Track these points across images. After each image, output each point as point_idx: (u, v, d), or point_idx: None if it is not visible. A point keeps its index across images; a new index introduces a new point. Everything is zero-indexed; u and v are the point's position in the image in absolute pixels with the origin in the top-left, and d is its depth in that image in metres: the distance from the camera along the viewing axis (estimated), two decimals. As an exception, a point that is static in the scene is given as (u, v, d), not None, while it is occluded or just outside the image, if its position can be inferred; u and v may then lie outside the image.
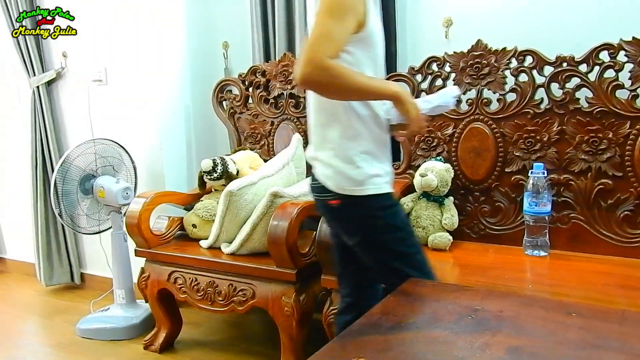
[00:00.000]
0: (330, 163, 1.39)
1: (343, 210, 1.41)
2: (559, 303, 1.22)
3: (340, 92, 1.28)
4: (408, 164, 2.32)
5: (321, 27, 1.24)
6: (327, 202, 1.42)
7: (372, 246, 1.44)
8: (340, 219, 1.47)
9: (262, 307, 2.05)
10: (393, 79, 2.33)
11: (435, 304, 1.25)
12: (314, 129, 1.45)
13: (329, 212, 1.47)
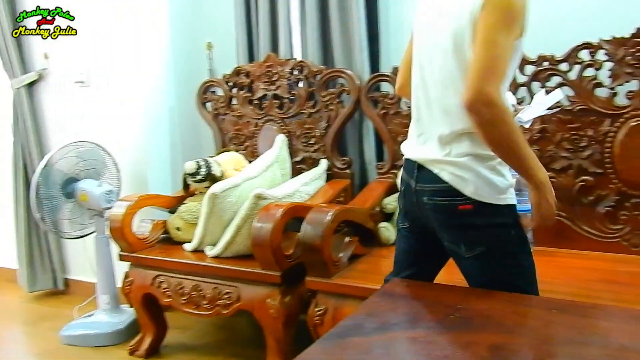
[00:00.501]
0: (470, 166, 1.25)
1: (475, 217, 1.27)
2: (541, 300, 1.23)
3: (498, 138, 1.17)
4: (392, 164, 2.33)
5: (495, 48, 1.15)
6: (456, 206, 1.28)
7: (496, 258, 1.30)
8: (467, 227, 1.29)
9: (248, 309, 2.04)
10: (377, 79, 2.33)
11: (418, 303, 1.26)
12: (444, 128, 1.29)
13: (453, 218, 1.30)
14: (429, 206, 1.32)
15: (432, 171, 1.30)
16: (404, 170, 1.44)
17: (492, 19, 1.16)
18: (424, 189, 1.33)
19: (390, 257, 2.06)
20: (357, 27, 2.37)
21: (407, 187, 1.40)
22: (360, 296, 1.62)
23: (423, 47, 1.34)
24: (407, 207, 1.43)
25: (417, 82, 1.36)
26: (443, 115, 1.29)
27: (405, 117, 2.28)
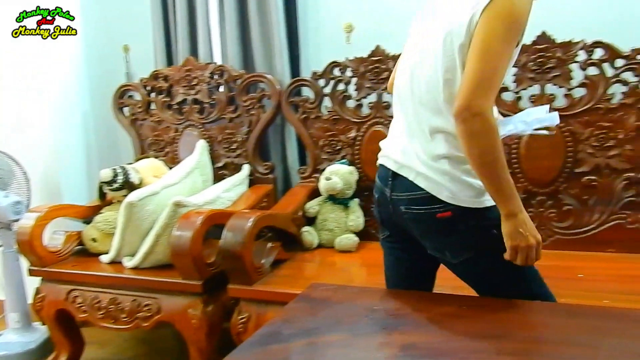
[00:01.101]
0: (445, 169, 1.21)
1: (455, 223, 1.22)
2: (451, 297, 1.27)
3: (480, 152, 1.12)
4: (314, 168, 2.34)
5: (493, 58, 1.10)
6: (434, 215, 1.23)
7: (486, 261, 1.25)
8: (450, 233, 1.24)
9: (169, 321, 1.98)
10: (297, 84, 2.34)
11: (336, 307, 1.27)
12: (419, 133, 1.25)
13: (433, 226, 1.25)
14: (407, 215, 1.27)
15: (407, 178, 1.26)
16: (377, 178, 1.37)
17: (493, 27, 1.10)
18: (400, 197, 1.28)
19: (313, 262, 2.11)
20: (276, 31, 2.37)
21: (382, 196, 1.34)
22: (284, 302, 1.59)
23: (414, 49, 1.29)
24: (384, 216, 1.37)
25: (403, 82, 1.30)
26: (424, 114, 1.23)
27: (325, 122, 2.30)
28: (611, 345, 1.01)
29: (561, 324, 1.10)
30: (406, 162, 1.26)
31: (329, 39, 2.43)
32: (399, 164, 1.28)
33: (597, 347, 1.01)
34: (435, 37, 1.20)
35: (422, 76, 1.23)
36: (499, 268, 1.23)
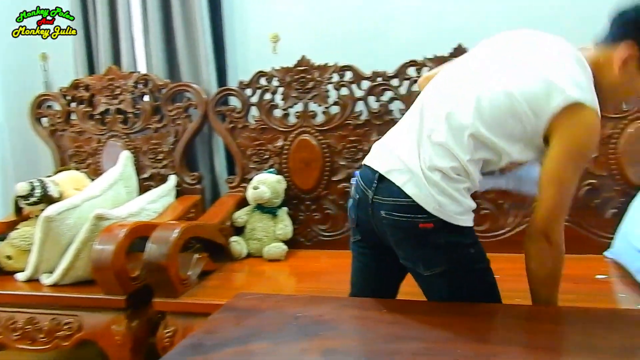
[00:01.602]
0: (436, 182, 1.19)
1: (435, 235, 1.21)
2: (373, 302, 1.30)
3: (540, 273, 1.22)
4: (242, 178, 2.34)
5: (565, 187, 1.18)
6: (417, 224, 1.21)
7: (457, 276, 1.26)
8: (426, 245, 1.23)
9: (91, 339, 1.91)
10: (224, 93, 2.33)
11: (259, 315, 1.27)
12: (426, 141, 1.22)
13: (412, 236, 1.24)
14: (387, 221, 1.25)
15: (394, 183, 1.23)
16: (361, 179, 1.33)
17: (564, 154, 1.15)
18: (383, 202, 1.25)
19: (242, 271, 2.10)
20: (202, 41, 2.36)
21: (363, 198, 1.30)
22: (211, 313, 1.60)
23: (481, 69, 1.24)
24: (361, 218, 1.33)
25: (443, 93, 1.27)
26: (444, 130, 1.20)
27: (253, 131, 2.30)
28: (520, 340, 1.07)
29: (476, 323, 1.16)
30: (399, 166, 1.24)
31: (256, 48, 2.44)
32: (389, 167, 1.25)
33: (508, 343, 1.07)
34: (509, 81, 1.18)
35: (470, 100, 1.19)
36: (468, 285, 1.27)
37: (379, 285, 1.41)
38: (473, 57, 1.31)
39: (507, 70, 1.20)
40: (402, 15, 2.22)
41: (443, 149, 1.20)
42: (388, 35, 2.24)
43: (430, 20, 2.19)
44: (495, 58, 1.25)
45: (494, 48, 1.28)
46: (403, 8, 2.22)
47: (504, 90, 1.16)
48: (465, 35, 2.07)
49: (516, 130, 1.17)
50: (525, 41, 1.26)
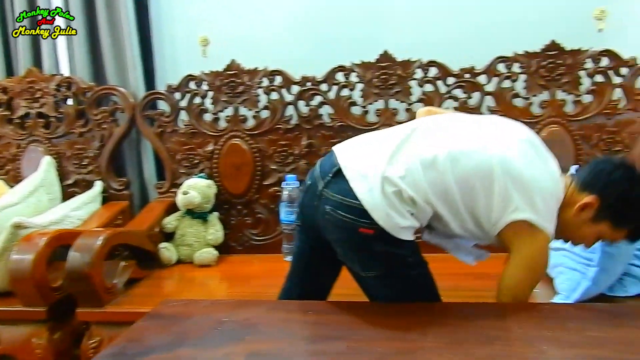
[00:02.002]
0: (389, 195, 1.20)
1: (374, 243, 1.23)
2: (299, 304, 1.32)
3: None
4: (171, 183, 2.30)
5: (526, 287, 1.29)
6: (357, 228, 1.22)
7: (394, 279, 1.29)
8: (363, 249, 1.26)
9: (9, 353, 1.81)
10: (151, 97, 2.29)
11: (185, 322, 1.25)
12: (397, 161, 1.24)
13: (351, 237, 1.25)
14: (329, 217, 1.25)
15: (348, 182, 1.23)
16: (319, 165, 1.33)
17: (520, 271, 1.27)
18: (330, 197, 1.25)
19: (172, 278, 2.07)
20: (128, 43, 2.30)
21: (313, 185, 1.30)
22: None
23: (487, 121, 1.35)
24: (304, 205, 1.35)
25: (443, 128, 1.31)
26: (419, 164, 1.23)
27: (182, 135, 2.27)
28: (439, 336, 1.12)
29: (399, 321, 1.19)
30: (360, 167, 1.24)
31: (185, 52, 2.40)
32: (351, 165, 1.25)
33: (428, 340, 1.11)
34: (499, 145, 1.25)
35: (465, 153, 1.23)
36: (404, 287, 1.30)
37: (313, 274, 1.43)
38: (483, 120, 1.38)
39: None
40: (332, 20, 2.26)
41: (409, 176, 1.21)
42: (317, 40, 2.27)
43: (358, 26, 2.24)
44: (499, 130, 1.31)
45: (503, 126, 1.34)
46: (332, 14, 2.26)
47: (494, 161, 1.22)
48: (392, 42, 2.14)
49: (480, 203, 1.23)
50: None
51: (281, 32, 2.30)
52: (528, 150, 1.27)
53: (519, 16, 2.14)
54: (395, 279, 1.29)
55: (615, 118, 2.01)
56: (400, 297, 1.29)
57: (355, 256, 1.29)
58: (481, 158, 1.22)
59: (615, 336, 1.09)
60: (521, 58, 2.05)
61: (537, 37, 2.05)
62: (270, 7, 2.31)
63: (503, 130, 1.31)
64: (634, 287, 1.61)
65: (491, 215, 1.23)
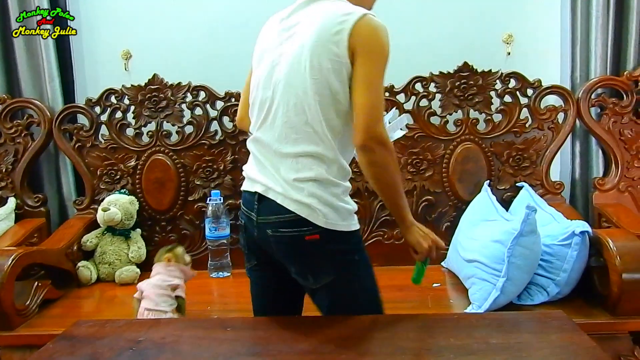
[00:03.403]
0: (313, 192, 1.21)
1: (322, 246, 1.23)
2: (218, 321, 1.33)
3: (383, 176, 1.24)
4: (92, 199, 2.24)
5: (377, 91, 1.21)
6: (303, 237, 1.22)
7: (344, 285, 1.28)
8: (316, 256, 1.25)
9: None
10: (69, 110, 2.23)
11: (97, 343, 1.22)
12: (289, 148, 1.23)
13: (299, 249, 1.24)
14: (273, 239, 1.26)
15: (274, 201, 1.24)
16: (243, 204, 1.34)
17: (372, 64, 1.20)
18: (267, 221, 1.26)
19: (91, 297, 2.01)
20: (45, 55, 2.23)
21: (249, 221, 1.31)
22: (50, 344, 1.50)
23: (271, 69, 1.27)
24: (250, 242, 1.34)
25: (262, 104, 1.28)
26: (290, 135, 1.23)
27: (103, 150, 2.22)
28: (349, 349, 1.15)
29: (314, 335, 1.22)
30: (272, 185, 1.25)
31: (107, 65, 2.35)
32: (266, 186, 1.26)
33: (342, 352, 1.13)
34: (297, 58, 1.22)
35: (287, 99, 1.23)
36: (355, 294, 1.30)
37: (283, 305, 1.41)
38: (262, 60, 1.34)
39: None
40: (255, 36, 2.27)
41: (303, 159, 1.23)
42: (241, 55, 2.28)
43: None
44: (279, 50, 1.29)
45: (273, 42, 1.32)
46: (255, 29, 2.28)
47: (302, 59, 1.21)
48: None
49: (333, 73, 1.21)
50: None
51: (205, 47, 2.30)
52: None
53: (435, 39, 2.25)
54: (347, 285, 1.29)
55: (523, 136, 2.15)
56: (353, 309, 1.30)
57: (307, 267, 1.28)
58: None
59: (515, 342, 1.16)
60: (437, 78, 2.15)
61: (452, 59, 2.16)
62: (194, 22, 2.30)
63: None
64: (539, 296, 1.73)
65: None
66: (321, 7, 1.27)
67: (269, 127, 1.27)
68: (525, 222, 1.63)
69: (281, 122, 1.25)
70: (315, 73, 1.20)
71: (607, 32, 2.14)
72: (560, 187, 2.16)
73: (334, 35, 1.20)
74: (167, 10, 2.31)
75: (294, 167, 1.23)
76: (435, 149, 2.17)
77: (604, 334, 1.56)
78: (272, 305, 1.41)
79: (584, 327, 1.24)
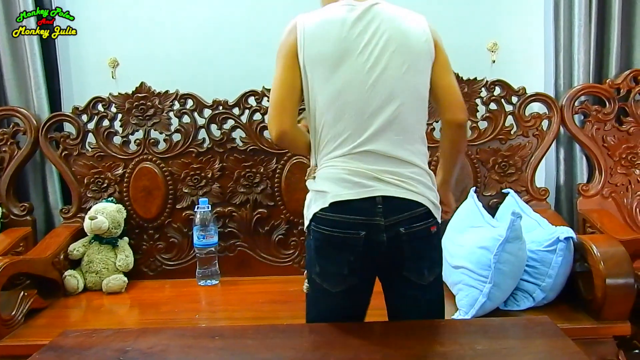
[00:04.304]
0: (425, 182, 1.28)
1: (437, 237, 1.30)
2: (206, 329, 1.33)
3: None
4: (79, 207, 2.23)
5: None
6: (429, 229, 1.26)
7: (441, 279, 1.35)
8: (435, 248, 1.31)
9: None
10: (56, 119, 2.22)
11: (84, 353, 1.22)
12: (406, 141, 1.27)
13: (426, 242, 1.28)
14: (406, 237, 1.23)
15: (405, 198, 1.24)
16: (357, 213, 1.23)
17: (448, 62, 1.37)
18: (400, 219, 1.23)
19: (77, 307, 2.00)
20: (31, 63, 2.21)
21: (372, 229, 1.23)
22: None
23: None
24: (369, 252, 1.24)
25: (353, 107, 1.26)
26: (408, 119, 1.28)
27: (90, 159, 2.21)
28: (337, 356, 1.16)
29: (301, 342, 1.23)
30: (395, 181, 1.24)
31: (94, 73, 2.34)
32: (389, 184, 1.24)
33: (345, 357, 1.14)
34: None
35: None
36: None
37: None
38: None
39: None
40: (243, 44, 2.29)
41: (416, 143, 1.30)
42: (229, 63, 2.29)
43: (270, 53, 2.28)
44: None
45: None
46: (243, 38, 2.29)
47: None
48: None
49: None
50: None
51: (192, 56, 2.30)
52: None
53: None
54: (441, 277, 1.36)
55: (509, 143, 2.18)
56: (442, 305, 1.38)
57: (427, 261, 1.29)
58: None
59: (501, 348, 1.18)
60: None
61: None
62: (182, 30, 2.30)
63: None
64: (525, 302, 1.74)
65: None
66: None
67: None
68: (511, 228, 1.65)
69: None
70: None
71: (589, 40, 2.17)
72: (545, 193, 2.19)
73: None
74: (154, 18, 2.31)
75: (409, 162, 1.28)
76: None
77: (588, 339, 1.59)
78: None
79: (569, 332, 1.26)
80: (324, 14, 1.31)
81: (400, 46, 1.27)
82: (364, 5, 1.29)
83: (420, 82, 1.30)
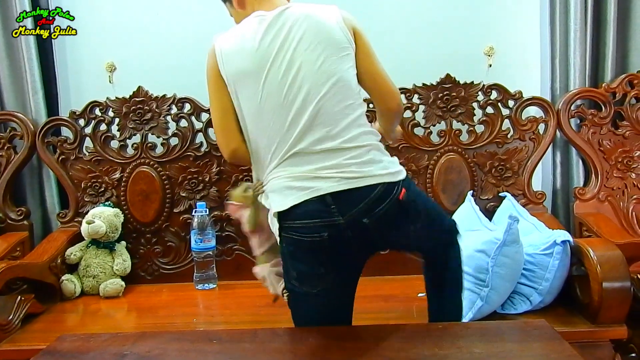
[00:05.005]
0: (372, 157, 1.26)
1: (412, 194, 1.29)
2: (203, 333, 1.33)
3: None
4: (76, 212, 2.22)
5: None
6: (397, 200, 1.23)
7: (434, 224, 1.38)
8: (413, 208, 1.29)
9: None
10: (53, 123, 2.22)
11: (82, 357, 1.22)
12: (336, 131, 1.26)
13: (401, 212, 1.25)
14: (374, 225, 1.21)
15: (353, 188, 1.21)
16: (308, 219, 1.21)
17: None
18: (358, 211, 1.21)
19: (75, 311, 1.99)
20: (28, 68, 2.22)
21: (334, 229, 1.21)
22: (33, 360, 1.49)
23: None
24: (341, 250, 1.23)
25: (274, 115, 1.27)
26: (339, 97, 1.27)
27: (87, 163, 2.21)
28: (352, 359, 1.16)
29: (298, 347, 1.22)
30: (336, 175, 1.22)
31: (91, 78, 2.34)
32: (331, 179, 1.22)
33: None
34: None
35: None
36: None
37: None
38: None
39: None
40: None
41: (352, 115, 1.29)
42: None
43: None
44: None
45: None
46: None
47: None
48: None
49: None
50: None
51: (189, 59, 2.29)
52: None
53: (418, 51, 2.29)
54: (434, 222, 1.41)
55: (505, 147, 2.19)
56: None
57: (413, 221, 1.31)
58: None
59: (498, 351, 1.18)
60: (420, 90, 2.18)
61: (435, 71, 2.19)
62: (179, 34, 2.31)
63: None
64: (522, 305, 1.75)
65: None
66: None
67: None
68: (508, 231, 1.65)
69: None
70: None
71: (585, 44, 2.19)
72: (542, 196, 2.19)
73: None
74: (152, 22, 2.31)
75: (352, 142, 1.28)
76: (419, 160, 2.19)
77: (585, 342, 1.59)
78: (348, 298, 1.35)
79: (566, 336, 1.26)
80: (237, 30, 1.35)
81: (313, 41, 1.27)
82: (274, 12, 1.31)
83: (342, 69, 1.28)
